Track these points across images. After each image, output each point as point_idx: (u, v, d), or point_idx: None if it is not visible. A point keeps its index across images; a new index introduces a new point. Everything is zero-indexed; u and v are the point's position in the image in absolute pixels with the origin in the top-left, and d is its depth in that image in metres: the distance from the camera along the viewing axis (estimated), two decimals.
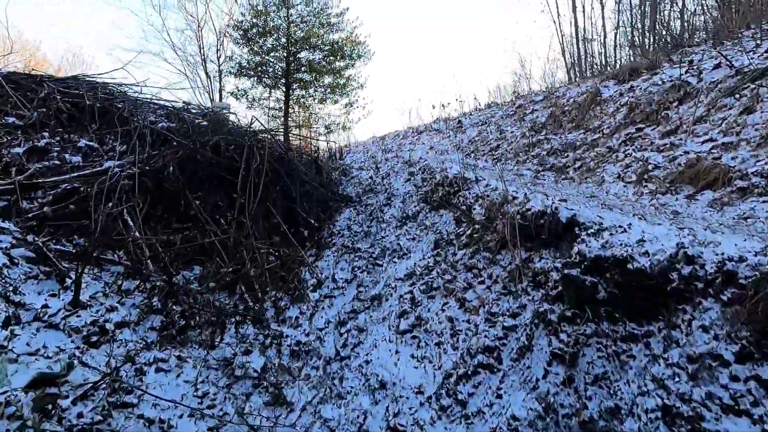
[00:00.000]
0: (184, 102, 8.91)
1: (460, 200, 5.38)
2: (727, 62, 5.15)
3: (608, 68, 11.68)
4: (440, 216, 5.60)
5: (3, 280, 3.44)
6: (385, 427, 3.13)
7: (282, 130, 8.06)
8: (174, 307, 3.95)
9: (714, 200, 3.77)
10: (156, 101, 7.80)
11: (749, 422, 2.10)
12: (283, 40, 20.96)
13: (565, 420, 2.67)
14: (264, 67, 20.92)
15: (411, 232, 5.75)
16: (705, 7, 10.94)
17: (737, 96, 4.46)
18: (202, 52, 19.66)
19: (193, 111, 8.20)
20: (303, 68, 21.41)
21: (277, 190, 6.58)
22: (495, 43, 40.73)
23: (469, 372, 3.26)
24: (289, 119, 21.76)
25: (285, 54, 21.21)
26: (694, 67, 5.52)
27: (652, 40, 11.39)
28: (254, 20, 20.09)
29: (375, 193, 7.09)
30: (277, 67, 21.36)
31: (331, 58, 21.20)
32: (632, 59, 11.00)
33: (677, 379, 2.38)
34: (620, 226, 3.17)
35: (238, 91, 20.62)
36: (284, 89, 21.38)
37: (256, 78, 21.01)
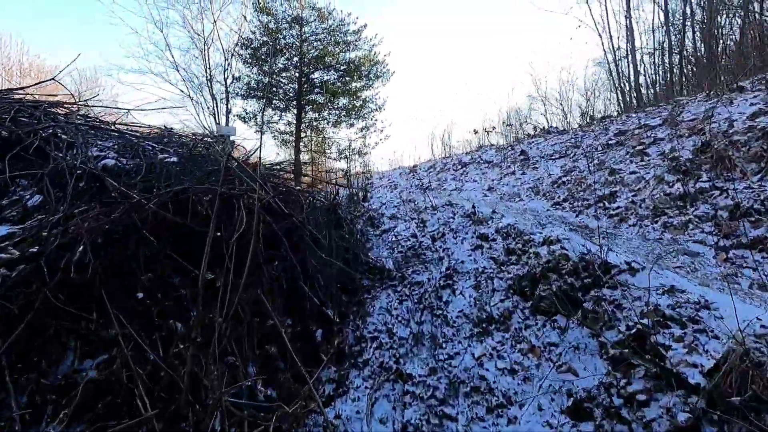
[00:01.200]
0: (165, 128, 6.56)
1: (607, 308, 2.81)
2: None
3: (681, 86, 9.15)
4: (560, 331, 3.01)
5: None
6: None
7: (284, 165, 5.83)
8: None
9: None
10: (115, 127, 5.41)
11: None
12: (296, 59, 18.86)
13: None
14: (275, 88, 18.79)
15: (504, 355, 3.15)
16: None
17: None
18: (207, 72, 17.53)
19: (173, 140, 5.82)
20: (316, 89, 19.20)
21: (275, 266, 4.08)
22: (507, 50, 38.43)
23: None
24: (301, 143, 19.50)
25: (297, 74, 19.08)
26: None
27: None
28: (265, 39, 18.04)
29: (424, 263, 4.54)
30: (289, 88, 19.21)
31: (347, 78, 18.97)
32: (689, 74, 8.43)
33: None
34: None
35: (246, 113, 18.42)
36: (296, 111, 19.18)
37: (265, 100, 18.87)
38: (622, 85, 13.07)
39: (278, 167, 5.47)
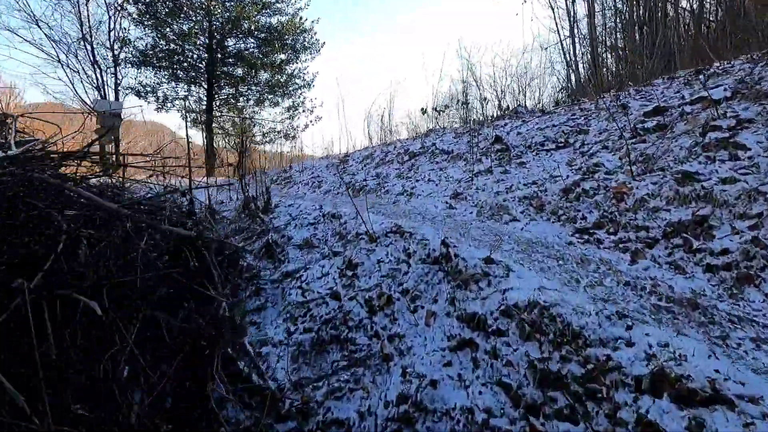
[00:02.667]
0: None
1: None
2: None
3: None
4: None
5: None
6: None
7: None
8: None
9: None
10: None
11: None
12: (204, 22, 15.32)
13: None
14: (178, 57, 15.17)
15: None
16: None
17: None
18: (88, 31, 13.53)
19: None
20: (231, 59, 15.88)
21: None
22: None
23: None
24: (216, 124, 16.14)
25: (207, 40, 15.56)
26: None
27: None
28: None
29: (351, 365, 2.18)
30: (197, 56, 15.66)
31: (268, 48, 15.79)
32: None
33: None
34: None
35: (143, 86, 14.70)
36: (206, 86, 15.75)
37: (168, 70, 15.21)
38: (575, 64, 11.39)
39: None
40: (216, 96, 15.69)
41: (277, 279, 3.21)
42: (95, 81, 13.91)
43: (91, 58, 13.60)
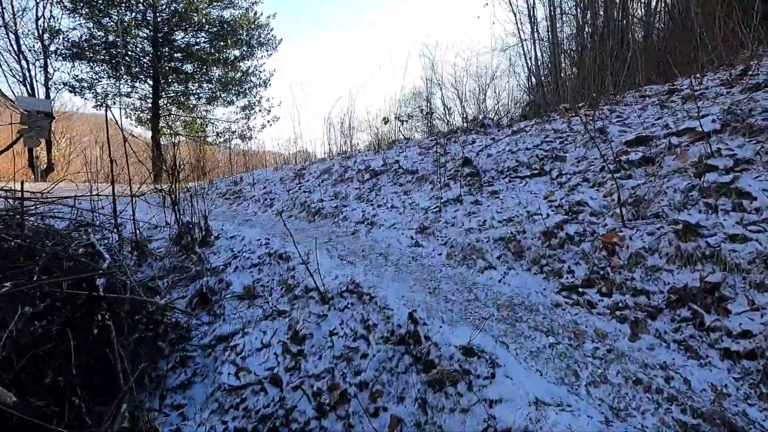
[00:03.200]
0: None
1: None
2: None
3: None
4: None
5: None
6: None
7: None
8: None
9: None
10: None
11: None
12: (149, 13, 14.02)
13: None
14: (118, 50, 13.81)
15: None
16: None
17: None
18: (11, 19, 12.02)
19: None
20: (180, 55, 14.69)
21: None
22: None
23: None
24: (163, 123, 14.90)
25: (151, 32, 14.28)
26: None
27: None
28: None
29: None
30: (140, 50, 14.34)
31: (221, 43, 14.72)
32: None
33: None
34: None
35: (78, 81, 13.27)
36: (152, 82, 14.47)
37: (107, 65, 13.81)
38: (537, 68, 11.25)
39: None
40: (163, 93, 14.46)
41: (209, 344, 2.61)
42: (21, 74, 12.38)
43: (15, 48, 12.07)
